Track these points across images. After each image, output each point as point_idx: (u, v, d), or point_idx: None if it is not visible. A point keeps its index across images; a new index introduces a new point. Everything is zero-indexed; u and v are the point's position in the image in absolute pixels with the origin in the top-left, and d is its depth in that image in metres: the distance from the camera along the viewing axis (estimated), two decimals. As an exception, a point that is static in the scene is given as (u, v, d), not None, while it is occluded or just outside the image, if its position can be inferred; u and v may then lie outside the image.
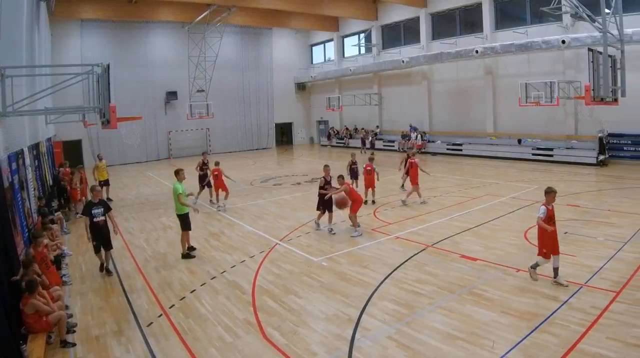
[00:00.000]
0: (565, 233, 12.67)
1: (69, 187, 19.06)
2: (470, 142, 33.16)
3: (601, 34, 17.48)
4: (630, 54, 20.54)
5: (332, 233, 14.43)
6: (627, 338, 7.18)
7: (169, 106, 41.09)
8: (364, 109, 42.57)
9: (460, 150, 32.96)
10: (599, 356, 6.77)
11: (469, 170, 25.48)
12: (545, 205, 9.30)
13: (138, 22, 37.94)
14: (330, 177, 14.99)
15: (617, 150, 25.82)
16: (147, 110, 38.81)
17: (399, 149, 37.74)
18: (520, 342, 7.34)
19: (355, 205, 14.23)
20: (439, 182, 19.73)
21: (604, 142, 25.28)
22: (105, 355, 7.81)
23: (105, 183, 21.39)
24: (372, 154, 21.15)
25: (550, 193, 9.37)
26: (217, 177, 18.67)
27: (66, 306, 9.21)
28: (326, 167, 15.34)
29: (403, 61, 35.47)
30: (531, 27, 28.88)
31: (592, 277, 9.67)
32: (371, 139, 39.89)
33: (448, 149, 33.79)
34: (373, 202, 18.29)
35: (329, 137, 46.92)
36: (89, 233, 11.44)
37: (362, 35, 42.54)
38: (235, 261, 12.45)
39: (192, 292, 10.39)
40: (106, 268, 11.78)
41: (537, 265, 9.63)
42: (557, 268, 9.46)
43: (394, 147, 38.74)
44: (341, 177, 14.50)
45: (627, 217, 14.44)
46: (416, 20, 37.06)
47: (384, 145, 39.96)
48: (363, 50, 43.07)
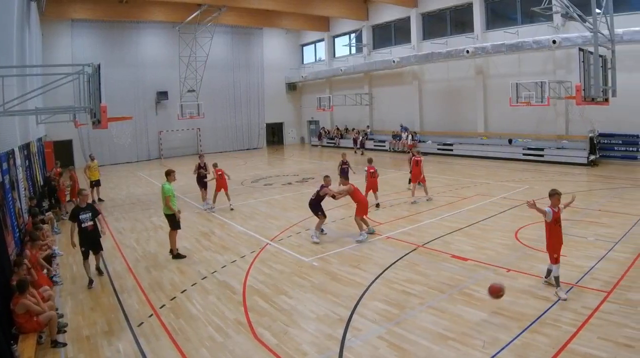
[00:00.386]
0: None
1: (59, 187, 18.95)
2: (461, 142, 33.21)
3: (592, 33, 17.50)
4: (621, 53, 20.63)
5: (324, 233, 14.31)
6: (618, 338, 7.20)
7: (159, 106, 40.97)
8: (354, 109, 42.61)
9: (451, 150, 33.00)
10: (589, 356, 6.80)
11: (459, 170, 25.53)
12: (551, 208, 9.06)
13: (129, 22, 37.86)
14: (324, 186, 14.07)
15: (608, 150, 25.90)
16: (138, 110, 38.73)
17: (390, 149, 37.91)
18: (511, 342, 7.35)
19: (360, 207, 13.72)
20: (430, 182, 19.71)
21: (595, 142, 25.36)
22: (96, 355, 7.80)
23: (96, 183, 21.50)
24: (363, 154, 21.08)
25: (554, 196, 9.12)
26: (221, 177, 18.44)
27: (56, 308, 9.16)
28: (327, 178, 14.09)
29: (394, 61, 35.50)
30: (522, 27, 28.96)
31: (583, 277, 9.70)
32: (361, 138, 39.89)
33: (439, 149, 33.80)
34: (377, 206, 17.56)
35: (319, 137, 46.90)
36: (73, 240, 11.09)
37: (353, 35, 42.51)
38: (226, 261, 12.42)
39: (183, 292, 10.36)
40: (97, 268, 11.62)
41: (556, 276, 9.02)
42: (551, 270, 9.26)
43: (384, 147, 38.79)
44: (345, 177, 14.16)
45: (618, 217, 14.50)
46: (407, 20, 37.09)
47: (375, 145, 39.94)
48: (354, 50, 43.09)
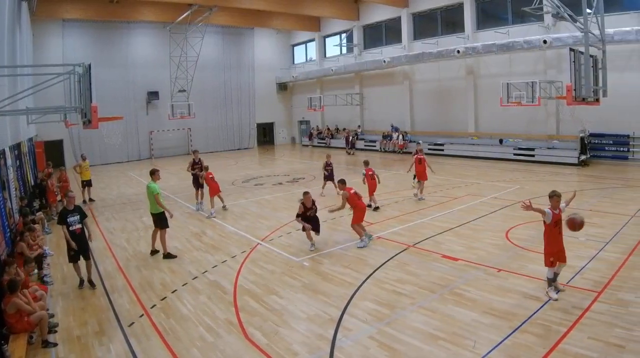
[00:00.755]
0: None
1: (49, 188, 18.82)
2: (451, 142, 33.30)
3: (583, 33, 17.59)
4: (612, 53, 20.79)
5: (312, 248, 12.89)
6: (609, 338, 7.22)
7: (150, 106, 40.87)
8: (345, 109, 42.66)
9: (442, 150, 33.06)
10: (580, 356, 6.81)
11: (450, 170, 25.56)
12: (551, 209, 8.99)
13: (120, 22, 37.78)
14: (313, 201, 12.85)
15: (599, 150, 26.03)
16: (129, 110, 38.63)
17: (381, 149, 37.96)
18: (501, 342, 7.36)
19: (357, 213, 13.10)
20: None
21: (586, 142, 25.48)
22: (87, 355, 7.77)
23: (87, 183, 21.45)
24: (354, 154, 20.94)
25: (554, 197, 9.04)
26: (213, 180, 18.10)
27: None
28: (306, 194, 12.75)
29: (384, 61, 35.60)
30: (513, 27, 29.10)
31: (574, 277, 9.72)
32: (351, 138, 39.87)
33: (429, 149, 33.50)
34: (377, 208, 17.10)
35: (309, 137, 46.92)
36: (71, 243, 10.70)
37: (344, 35, 42.60)
38: (217, 261, 12.39)
39: (174, 292, 10.33)
40: (89, 280, 10.92)
41: (550, 278, 8.96)
42: (558, 274, 9.08)
43: (375, 147, 38.85)
44: (341, 181, 13.69)
45: (608, 216, 14.55)
46: (398, 20, 37.18)
47: (365, 145, 40.04)
48: (344, 50, 43.17)
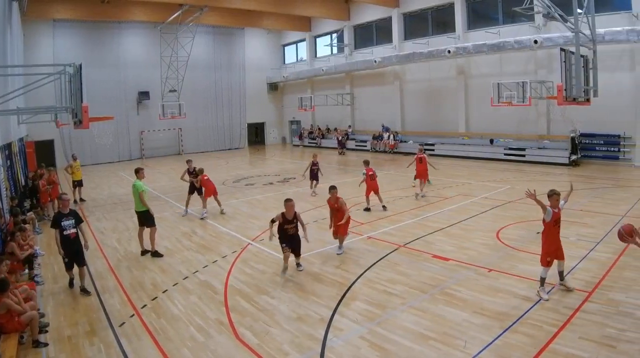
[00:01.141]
0: (538, 233, 12.75)
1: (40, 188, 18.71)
2: (442, 142, 33.37)
3: (573, 33, 17.59)
4: (602, 53, 20.90)
5: (300, 268, 11.40)
6: (599, 338, 7.25)
7: (141, 106, 40.70)
8: (336, 109, 42.65)
9: (433, 150, 32.94)
10: (571, 356, 6.83)
11: (441, 170, 25.52)
12: (551, 208, 9.05)
13: (110, 22, 37.63)
14: (296, 214, 11.10)
15: (589, 150, 26.13)
16: (120, 110, 38.43)
17: (371, 149, 37.98)
18: (492, 342, 7.38)
19: (347, 224, 12.39)
20: (412, 182, 19.81)
21: (576, 142, 25.62)
22: (78, 355, 7.74)
23: (78, 183, 21.42)
24: (344, 154, 20.92)
25: (553, 196, 9.09)
26: (209, 181, 17.88)
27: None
28: (288, 201, 10.97)
29: (375, 61, 35.65)
30: (503, 27, 29.20)
31: (565, 277, 9.72)
32: (341, 138, 39.86)
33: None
34: (384, 208, 16.93)
35: (300, 137, 46.93)
36: (61, 248, 10.39)
37: (335, 35, 42.57)
38: (208, 261, 12.37)
39: (164, 292, 10.30)
40: (82, 288, 10.47)
41: (543, 277, 8.97)
42: (562, 272, 9.18)
43: (366, 147, 38.89)
44: (333, 187, 12.43)
45: (599, 216, 14.61)
46: (388, 20, 37.24)
47: (356, 145, 40.11)
48: (335, 50, 43.18)
